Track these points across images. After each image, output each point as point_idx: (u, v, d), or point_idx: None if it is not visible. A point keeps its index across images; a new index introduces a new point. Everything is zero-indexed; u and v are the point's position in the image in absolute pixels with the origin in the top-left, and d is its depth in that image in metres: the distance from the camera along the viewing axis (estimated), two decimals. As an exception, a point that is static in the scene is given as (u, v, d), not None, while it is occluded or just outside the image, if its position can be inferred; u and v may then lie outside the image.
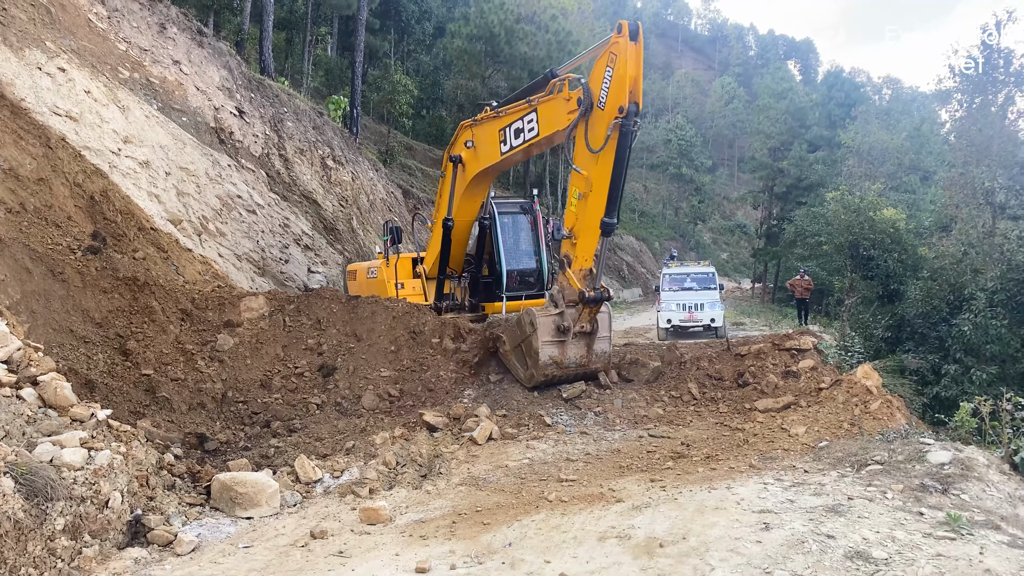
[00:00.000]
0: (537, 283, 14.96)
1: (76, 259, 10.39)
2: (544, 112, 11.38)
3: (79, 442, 5.50)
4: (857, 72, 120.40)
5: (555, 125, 11.14)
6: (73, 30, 15.44)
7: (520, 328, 10.69)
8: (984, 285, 17.99)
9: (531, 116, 11.63)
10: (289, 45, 41.91)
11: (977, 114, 27.81)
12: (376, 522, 6.02)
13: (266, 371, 10.71)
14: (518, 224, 14.82)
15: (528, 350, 10.49)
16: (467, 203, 13.87)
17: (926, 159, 41.71)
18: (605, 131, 9.90)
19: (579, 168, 10.39)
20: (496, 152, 12.52)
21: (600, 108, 9.98)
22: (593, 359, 10.75)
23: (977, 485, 5.70)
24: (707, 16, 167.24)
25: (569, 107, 10.61)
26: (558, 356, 10.43)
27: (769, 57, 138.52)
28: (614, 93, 9.83)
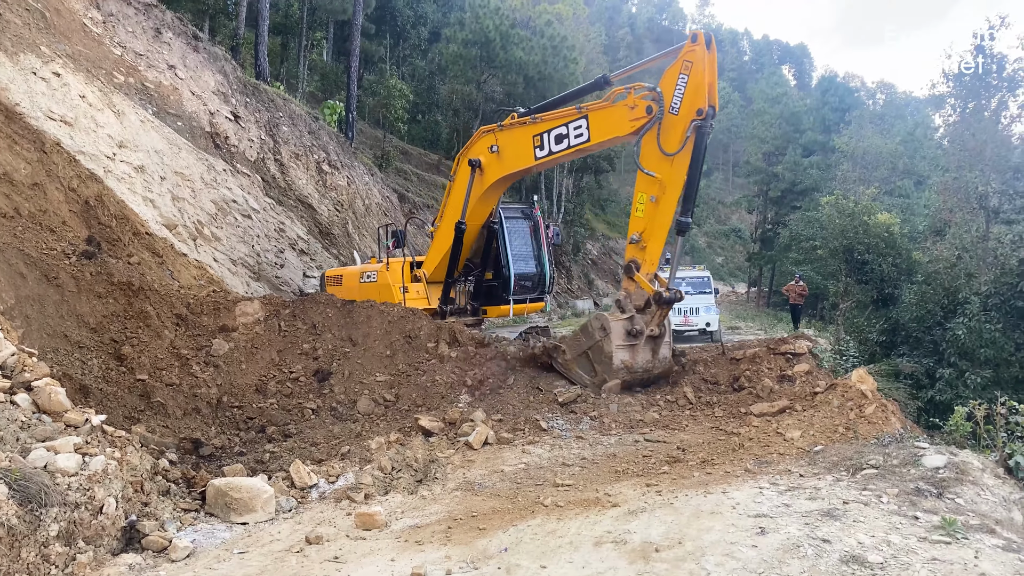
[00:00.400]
0: (538, 287, 15.12)
1: (71, 264, 10.37)
2: (599, 119, 11.59)
3: (73, 448, 5.48)
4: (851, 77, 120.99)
5: (613, 132, 11.45)
6: (68, 35, 15.43)
7: (587, 335, 10.73)
8: (978, 289, 18.08)
9: (580, 123, 11.81)
10: (284, 50, 41.97)
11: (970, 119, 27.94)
12: (371, 527, 6.00)
13: (261, 376, 10.69)
14: (520, 229, 14.93)
15: (598, 356, 10.51)
16: (481, 207, 13.94)
17: (920, 164, 41.88)
18: (680, 134, 10.31)
19: (651, 172, 10.61)
20: (528, 157, 12.66)
21: (673, 113, 10.41)
22: (656, 364, 10.84)
23: (972, 489, 5.70)
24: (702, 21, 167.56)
25: (634, 114, 10.89)
26: (629, 360, 10.49)
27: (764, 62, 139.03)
28: (690, 98, 10.26)
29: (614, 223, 68.82)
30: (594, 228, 58.17)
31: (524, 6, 48.76)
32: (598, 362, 10.51)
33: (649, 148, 10.68)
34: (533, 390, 10.60)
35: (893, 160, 41.44)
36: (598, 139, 11.74)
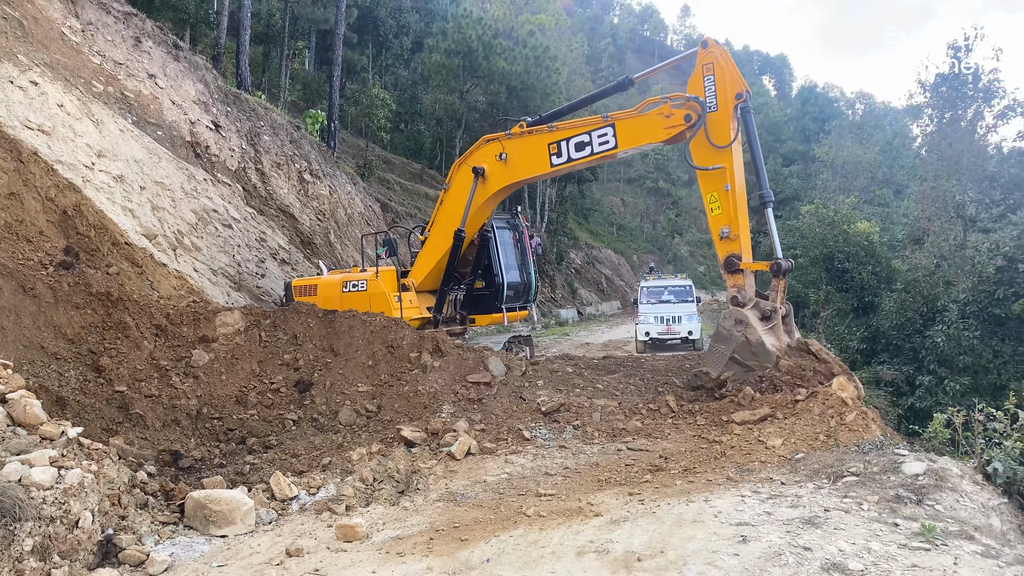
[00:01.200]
0: (523, 296, 15.29)
1: (48, 274, 10.25)
2: (629, 127, 12.01)
3: (49, 461, 5.40)
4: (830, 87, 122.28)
5: (645, 139, 12.02)
6: (46, 43, 15.31)
7: (724, 340, 10.68)
8: (956, 297, 18.28)
9: (605, 131, 12.17)
10: (266, 59, 41.85)
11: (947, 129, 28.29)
12: (352, 539, 5.96)
13: (242, 387, 10.60)
14: (508, 239, 15.07)
15: (746, 352, 10.42)
16: (480, 215, 14.07)
17: (898, 173, 42.39)
18: (727, 125, 10.97)
19: (717, 165, 11.02)
20: (543, 164, 12.93)
21: (713, 111, 11.09)
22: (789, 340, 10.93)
23: (951, 495, 5.74)
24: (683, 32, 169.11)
25: (670, 123, 11.38)
26: (776, 343, 10.54)
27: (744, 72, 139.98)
28: (725, 90, 11.08)
29: (597, 232, 69.08)
30: (577, 237, 58.32)
31: (506, 16, 48.92)
32: (749, 357, 10.41)
33: (701, 149, 11.18)
34: (516, 399, 10.58)
35: (872, 169, 41.89)
36: (626, 146, 12.14)
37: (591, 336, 32.52)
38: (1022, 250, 17.69)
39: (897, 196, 41.39)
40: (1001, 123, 27.57)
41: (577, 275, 54.46)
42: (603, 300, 56.14)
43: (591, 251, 61.40)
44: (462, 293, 15.05)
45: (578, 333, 34.48)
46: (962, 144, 27.05)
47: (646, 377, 14.46)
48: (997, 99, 26.89)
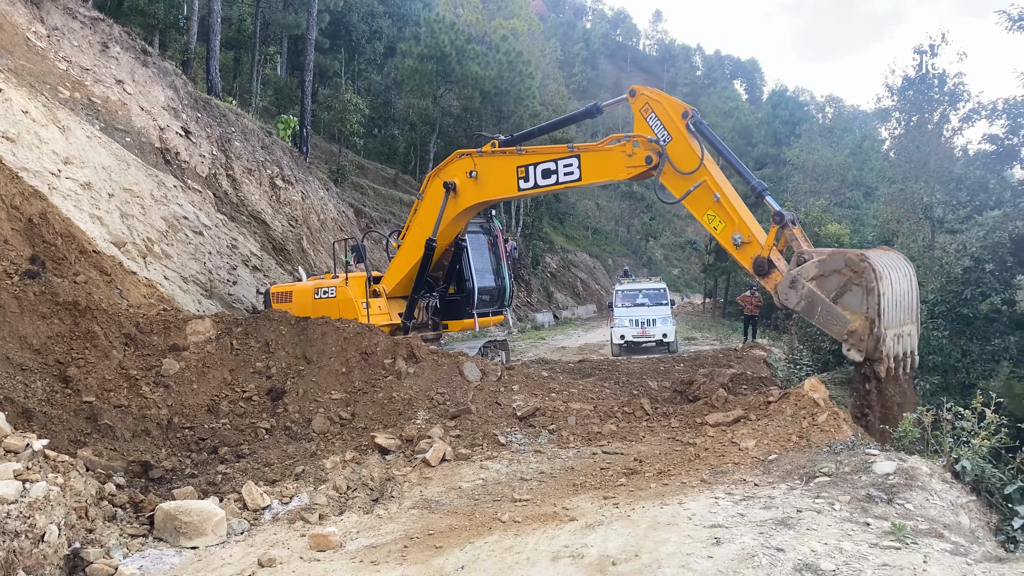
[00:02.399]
0: (498, 300, 15.28)
1: (13, 284, 10.06)
2: (593, 160, 11.98)
3: (13, 474, 5.30)
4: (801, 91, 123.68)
5: (608, 175, 12.08)
6: (10, 49, 15.06)
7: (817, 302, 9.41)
8: (925, 297, 18.49)
9: (571, 161, 12.13)
10: (237, 64, 41.53)
11: (915, 132, 28.70)
12: (326, 548, 5.90)
13: (213, 396, 10.47)
14: (481, 243, 15.05)
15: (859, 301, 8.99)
16: (452, 228, 14.02)
17: (868, 175, 42.92)
18: (688, 145, 10.94)
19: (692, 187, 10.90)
20: (510, 187, 12.87)
21: (669, 141, 11.08)
22: None
23: (921, 494, 5.81)
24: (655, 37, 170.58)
25: (632, 162, 11.43)
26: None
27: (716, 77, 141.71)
28: (669, 120, 11.11)
29: (572, 236, 69.34)
30: (553, 241, 58.49)
31: (479, 21, 49.04)
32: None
33: (671, 180, 11.15)
34: (492, 404, 10.55)
35: (842, 172, 42.40)
36: (589, 179, 12.12)
37: (567, 340, 32.59)
38: (988, 251, 17.98)
39: (867, 198, 41.93)
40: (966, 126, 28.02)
41: (553, 279, 54.60)
42: (579, 304, 56.33)
43: (567, 255, 61.61)
44: (435, 299, 15.01)
45: (554, 337, 34.55)
46: (929, 147, 27.47)
47: (621, 380, 14.57)
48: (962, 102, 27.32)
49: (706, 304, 57.10)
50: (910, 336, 9.49)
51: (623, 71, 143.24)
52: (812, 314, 9.51)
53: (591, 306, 57.55)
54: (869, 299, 8.82)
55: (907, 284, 9.48)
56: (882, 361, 8.88)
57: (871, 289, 8.80)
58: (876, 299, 8.76)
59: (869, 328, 8.81)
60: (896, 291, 9.10)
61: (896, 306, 9.11)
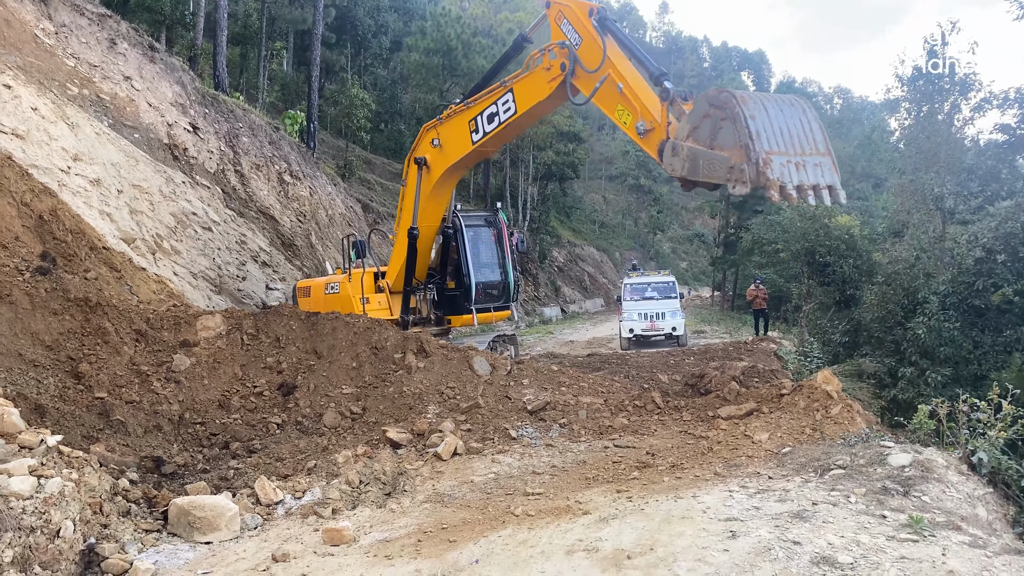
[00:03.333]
0: (502, 295, 15.01)
1: (24, 281, 10.09)
2: (522, 89, 11.79)
3: (28, 470, 5.30)
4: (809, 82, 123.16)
5: (536, 97, 11.61)
6: (19, 46, 15.08)
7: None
8: (936, 289, 18.42)
9: (507, 96, 11.99)
10: (244, 60, 41.53)
11: (925, 122, 28.46)
12: (339, 543, 5.90)
13: (224, 391, 10.49)
14: (483, 236, 14.84)
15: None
16: (432, 207, 13.84)
17: (877, 166, 42.73)
18: (594, 45, 10.49)
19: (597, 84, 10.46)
20: (467, 143, 12.69)
21: (579, 45, 10.71)
22: None
23: (937, 486, 5.77)
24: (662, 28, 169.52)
25: (551, 75, 11.18)
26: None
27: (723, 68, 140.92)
28: (577, 21, 10.71)
29: (580, 230, 69.19)
30: (560, 235, 58.39)
31: (485, 15, 48.93)
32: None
33: (582, 81, 10.79)
34: (502, 399, 10.54)
35: (851, 163, 42.21)
36: (524, 108, 11.85)
37: (575, 334, 32.55)
38: (1000, 241, 17.85)
39: (876, 190, 41.76)
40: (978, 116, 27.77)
41: (560, 273, 54.53)
42: (587, 298, 56.26)
43: (574, 249, 61.50)
44: (433, 294, 14.84)
45: (562, 331, 34.51)
46: (940, 137, 27.25)
47: (631, 374, 14.51)
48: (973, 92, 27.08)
49: (715, 297, 56.95)
50: (819, 167, 8.51)
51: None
52: (697, 172, 8.66)
53: (599, 300, 57.46)
54: (737, 126, 8.15)
55: (796, 114, 8.66)
56: (770, 186, 7.99)
57: (736, 115, 8.15)
58: (744, 123, 8.08)
59: (746, 155, 8.05)
60: (775, 118, 8.39)
61: (780, 133, 8.35)
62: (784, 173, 8.12)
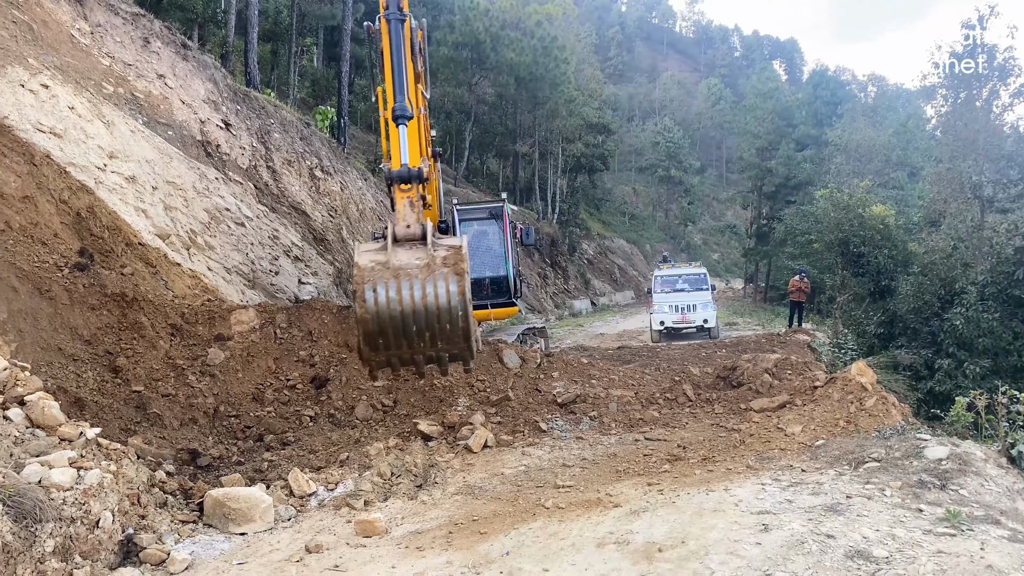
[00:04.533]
0: (503, 292, 14.57)
1: (63, 276, 10.29)
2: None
3: (68, 462, 5.41)
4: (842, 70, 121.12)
5: None
6: (56, 46, 15.34)
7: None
8: (974, 279, 18.05)
9: None
10: (275, 57, 41.85)
11: (962, 109, 27.92)
12: (372, 534, 5.95)
13: (258, 384, 10.62)
14: (482, 231, 14.47)
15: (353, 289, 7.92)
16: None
17: (913, 155, 41.92)
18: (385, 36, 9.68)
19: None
20: None
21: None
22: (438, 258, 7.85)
23: (975, 480, 5.68)
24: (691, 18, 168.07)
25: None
26: (381, 259, 7.67)
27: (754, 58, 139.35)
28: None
29: (609, 222, 68.89)
30: (589, 228, 58.19)
31: (513, 7, 48.72)
32: (354, 294, 7.82)
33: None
34: (532, 391, 10.55)
35: (886, 152, 41.44)
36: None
37: (605, 327, 32.45)
38: (1041, 230, 17.45)
39: (912, 178, 40.97)
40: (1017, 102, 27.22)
41: (590, 266, 54.34)
42: (616, 290, 56.04)
43: (603, 241, 61.24)
44: None
45: (592, 324, 34.43)
46: (978, 124, 26.71)
47: (662, 366, 14.43)
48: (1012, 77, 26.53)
49: (747, 289, 56.40)
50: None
51: (659, 54, 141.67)
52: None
53: (629, 292, 57.19)
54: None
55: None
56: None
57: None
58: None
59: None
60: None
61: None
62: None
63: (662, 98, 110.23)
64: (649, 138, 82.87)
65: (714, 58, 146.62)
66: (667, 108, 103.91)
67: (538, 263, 42.38)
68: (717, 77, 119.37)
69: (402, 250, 7.55)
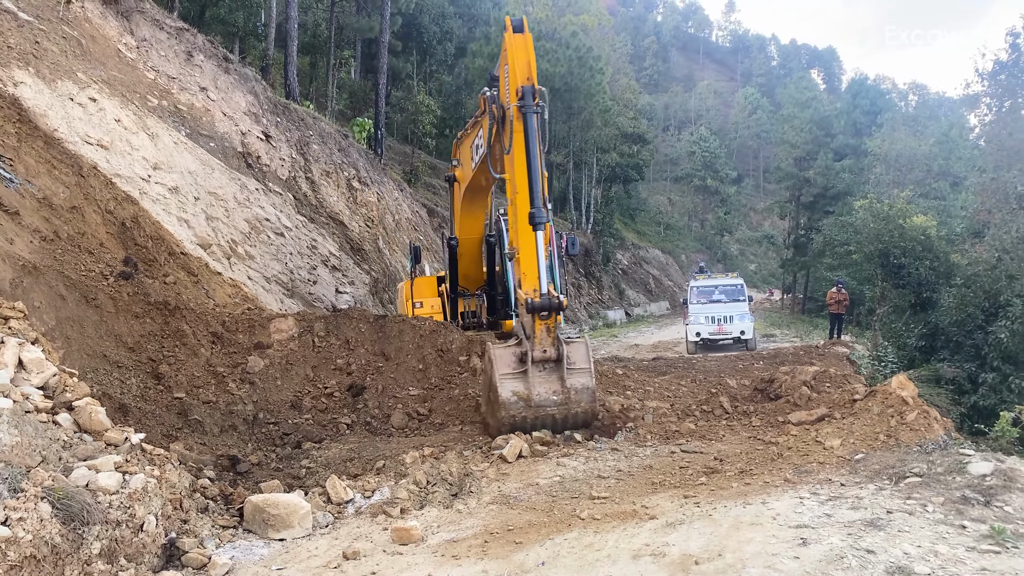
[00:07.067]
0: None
1: (108, 285, 10.55)
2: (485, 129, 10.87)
3: (114, 466, 5.54)
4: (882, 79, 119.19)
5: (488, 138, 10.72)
6: (103, 61, 15.77)
7: (484, 375, 9.43)
8: (1020, 291, 17.63)
9: (481, 132, 11.16)
10: (313, 69, 42.48)
11: (1007, 117, 27.37)
12: (408, 542, 5.99)
13: (296, 392, 10.77)
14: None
15: (487, 392, 9.15)
16: (468, 220, 13.93)
17: (955, 165, 41.17)
18: (507, 129, 9.51)
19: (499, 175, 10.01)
20: (470, 167, 12.21)
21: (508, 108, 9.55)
22: (571, 399, 8.92)
23: (1021, 497, 5.55)
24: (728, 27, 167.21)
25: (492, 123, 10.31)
26: (522, 391, 8.74)
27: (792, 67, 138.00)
28: (512, 84, 9.43)
29: (644, 232, 68.64)
30: (624, 238, 58.01)
31: (549, 18, 48.93)
32: (490, 401, 8.95)
33: (496, 152, 10.10)
34: (567, 402, 10.53)
35: (927, 162, 40.78)
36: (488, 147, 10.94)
37: (640, 337, 32.30)
38: (1089, 241, 17.04)
39: (954, 189, 40.23)
40: (1064, 110, 26.61)
41: (624, 276, 54.16)
42: (651, 301, 55.76)
43: (638, 251, 61.01)
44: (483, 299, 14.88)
45: (627, 334, 34.29)
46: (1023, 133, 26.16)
47: (698, 378, 14.31)
48: (1059, 85, 25.97)
49: (785, 300, 55.75)
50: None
51: (695, 63, 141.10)
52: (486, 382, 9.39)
53: (663, 303, 56.86)
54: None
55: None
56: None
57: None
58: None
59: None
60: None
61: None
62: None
63: (698, 107, 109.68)
64: (685, 147, 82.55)
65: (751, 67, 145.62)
66: (703, 117, 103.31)
67: (572, 273, 42.37)
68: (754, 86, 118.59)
69: (539, 378, 8.72)
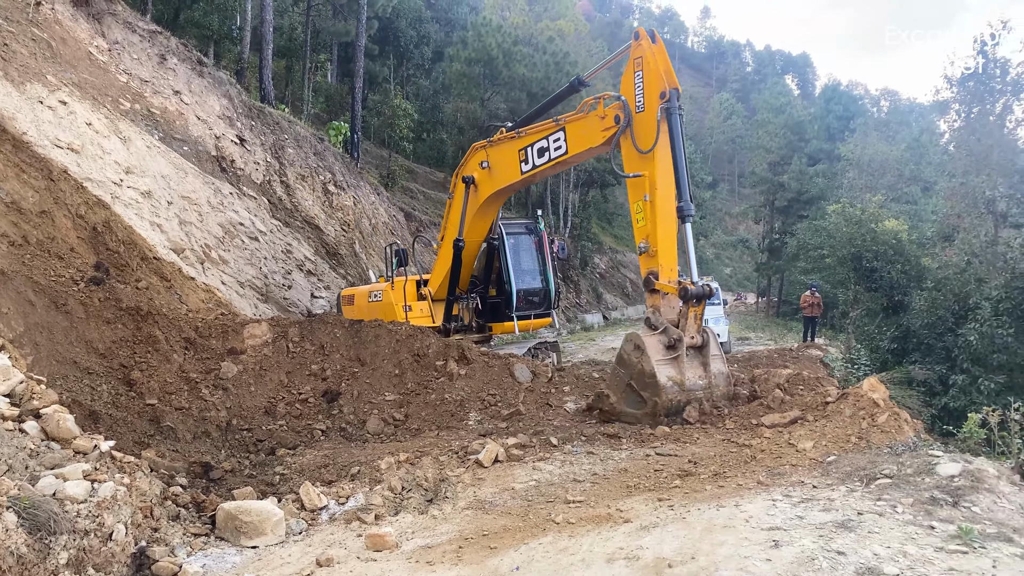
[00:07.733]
0: (543, 303, 15.14)
1: (79, 290, 10.41)
2: (574, 131, 11.66)
3: (82, 474, 5.47)
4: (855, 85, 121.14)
5: (588, 143, 11.54)
6: (74, 63, 15.58)
7: (624, 364, 9.89)
8: (989, 294, 17.93)
9: (559, 135, 11.90)
10: (289, 72, 42.23)
11: (975, 124, 27.81)
12: (382, 548, 5.96)
13: (270, 398, 10.68)
14: (524, 244, 14.99)
15: (641, 380, 9.59)
16: (478, 223, 14.02)
17: (926, 170, 41.80)
18: (652, 127, 10.21)
19: (637, 173, 10.47)
20: (515, 172, 12.76)
21: (640, 111, 10.39)
22: (714, 382, 9.87)
23: (988, 497, 5.63)
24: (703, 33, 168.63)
25: (604, 124, 10.97)
26: (677, 376, 9.55)
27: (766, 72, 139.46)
28: (651, 89, 10.26)
29: (621, 236, 68.84)
30: (601, 242, 58.16)
31: (526, 23, 49.10)
32: (643, 388, 9.54)
33: (627, 153, 10.67)
34: (544, 406, 10.55)
35: (899, 167, 41.34)
36: (575, 151, 11.82)
37: (617, 341, 32.29)
38: (1056, 245, 17.34)
39: (925, 193, 40.86)
40: (1031, 116, 27.11)
41: (602, 280, 54.31)
42: (629, 304, 55.93)
43: (616, 255, 61.20)
44: (476, 302, 15.01)
45: (604, 338, 34.36)
46: (991, 139, 26.59)
47: (673, 381, 14.37)
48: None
49: (759, 303, 56.21)
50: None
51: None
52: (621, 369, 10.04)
53: (641, 307, 56.99)
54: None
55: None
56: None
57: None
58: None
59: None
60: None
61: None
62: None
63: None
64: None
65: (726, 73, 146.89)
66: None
67: (550, 277, 42.36)
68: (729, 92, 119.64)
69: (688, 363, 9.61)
